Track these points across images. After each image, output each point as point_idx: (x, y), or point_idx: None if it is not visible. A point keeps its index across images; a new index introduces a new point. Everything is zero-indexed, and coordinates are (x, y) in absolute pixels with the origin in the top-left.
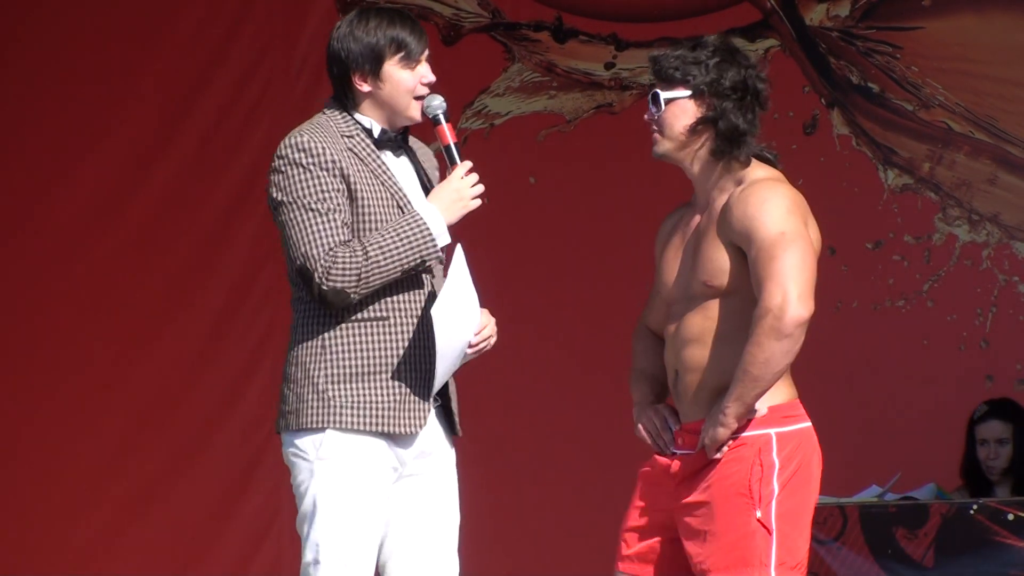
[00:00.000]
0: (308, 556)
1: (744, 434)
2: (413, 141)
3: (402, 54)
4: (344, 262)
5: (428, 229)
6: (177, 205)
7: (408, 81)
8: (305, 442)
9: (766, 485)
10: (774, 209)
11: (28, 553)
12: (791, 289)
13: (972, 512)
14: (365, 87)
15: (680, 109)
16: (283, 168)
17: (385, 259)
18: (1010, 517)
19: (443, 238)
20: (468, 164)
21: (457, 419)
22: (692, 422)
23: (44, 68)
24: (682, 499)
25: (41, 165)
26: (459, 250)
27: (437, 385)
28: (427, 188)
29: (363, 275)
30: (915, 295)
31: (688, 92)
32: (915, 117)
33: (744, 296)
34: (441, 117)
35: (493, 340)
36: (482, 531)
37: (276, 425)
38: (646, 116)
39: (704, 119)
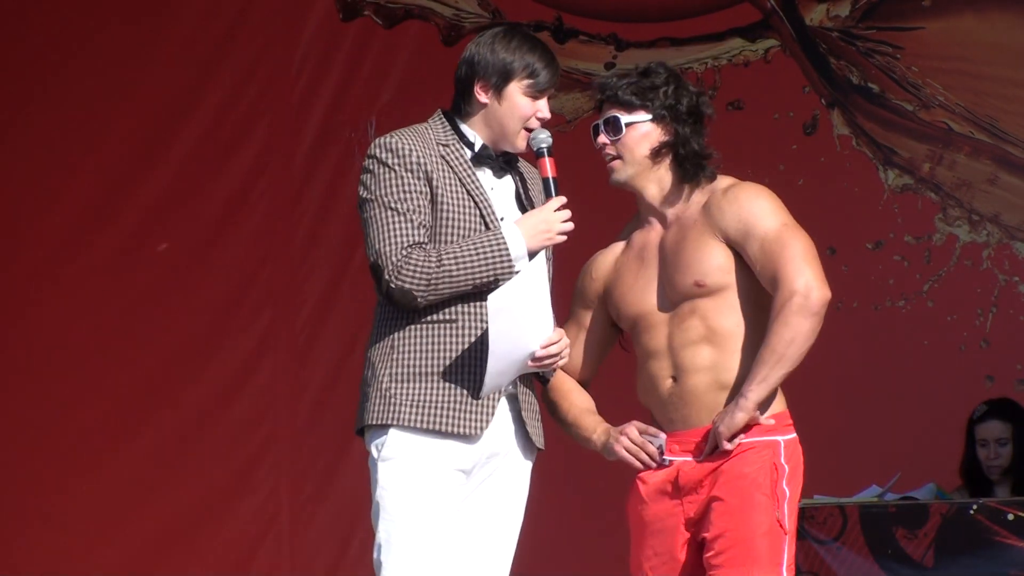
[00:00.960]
0: (375, 555)
1: (753, 439)
2: (527, 168)
3: (531, 82)
4: (416, 264)
5: (507, 249)
6: (177, 204)
7: (526, 109)
8: (372, 443)
9: (779, 487)
10: (767, 204)
11: (23, 551)
12: (812, 272)
13: (972, 512)
14: (483, 98)
15: (641, 134)
16: (370, 167)
17: (458, 270)
18: (1010, 517)
19: (521, 262)
20: (563, 199)
21: (533, 430)
22: (693, 429)
23: (43, 67)
24: (693, 510)
25: (41, 163)
26: (540, 258)
27: (488, 384)
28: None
29: (433, 280)
30: (915, 295)
31: (649, 116)
32: (915, 117)
33: (739, 293)
34: (545, 150)
35: (562, 361)
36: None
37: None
38: (601, 141)
39: (666, 143)
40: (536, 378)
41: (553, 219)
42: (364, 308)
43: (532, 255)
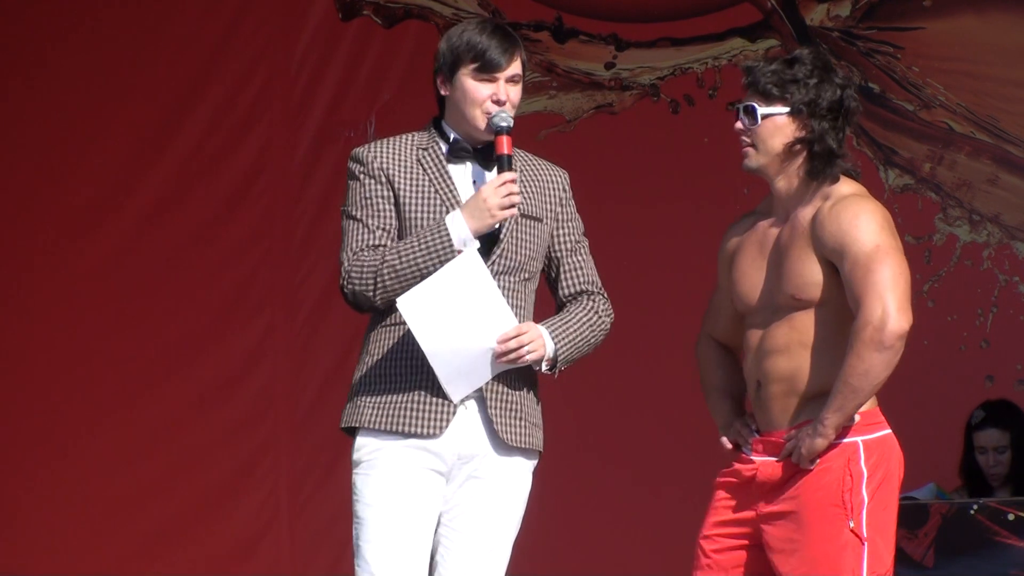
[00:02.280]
0: (355, 557)
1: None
2: (520, 161)
3: (477, 65)
4: (362, 264)
5: (447, 235)
6: (176, 203)
7: (477, 92)
8: (352, 448)
9: (856, 495)
10: (867, 223)
11: (22, 551)
12: (890, 302)
13: (972, 512)
14: (444, 90)
15: (776, 126)
16: (347, 179)
17: (400, 262)
18: (1010, 517)
19: (469, 245)
20: (507, 175)
21: (504, 429)
22: (774, 432)
23: (43, 67)
24: (766, 508)
25: (40, 162)
26: (469, 252)
27: (448, 386)
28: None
29: (379, 277)
30: (915, 295)
31: (786, 110)
32: (916, 117)
33: (832, 308)
34: (504, 129)
35: (529, 354)
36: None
37: None
38: (738, 126)
39: (801, 139)
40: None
41: (491, 195)
42: None
43: (482, 237)
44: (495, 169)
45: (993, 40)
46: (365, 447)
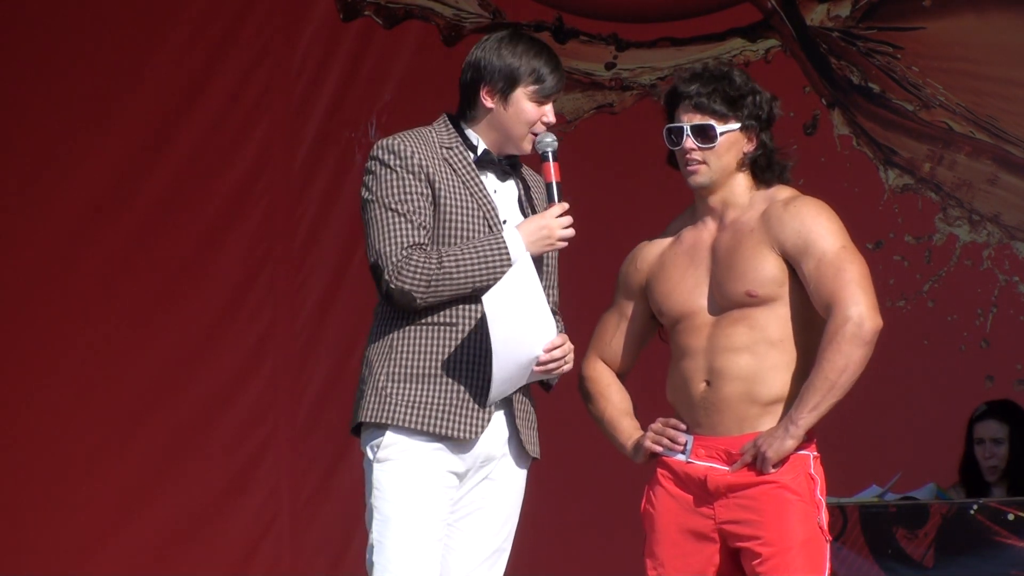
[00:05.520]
0: (368, 556)
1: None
2: (530, 173)
3: (537, 87)
4: (416, 265)
5: (507, 252)
6: (177, 204)
7: (531, 114)
8: (367, 444)
9: (817, 496)
10: (829, 224)
11: (22, 552)
12: (866, 300)
13: (972, 512)
14: (489, 103)
15: (731, 143)
16: (372, 168)
17: (458, 272)
18: (1010, 517)
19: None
20: (565, 206)
21: (527, 438)
22: (721, 436)
23: (43, 67)
24: (726, 515)
25: (41, 163)
26: (527, 258)
27: (495, 390)
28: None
29: (433, 282)
30: (915, 295)
31: (738, 126)
32: (916, 117)
33: (790, 305)
34: (549, 154)
35: (567, 366)
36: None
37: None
38: (688, 146)
39: (751, 152)
40: (539, 384)
41: (554, 224)
42: (364, 308)
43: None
44: (509, 182)
45: (993, 40)
46: (395, 445)
